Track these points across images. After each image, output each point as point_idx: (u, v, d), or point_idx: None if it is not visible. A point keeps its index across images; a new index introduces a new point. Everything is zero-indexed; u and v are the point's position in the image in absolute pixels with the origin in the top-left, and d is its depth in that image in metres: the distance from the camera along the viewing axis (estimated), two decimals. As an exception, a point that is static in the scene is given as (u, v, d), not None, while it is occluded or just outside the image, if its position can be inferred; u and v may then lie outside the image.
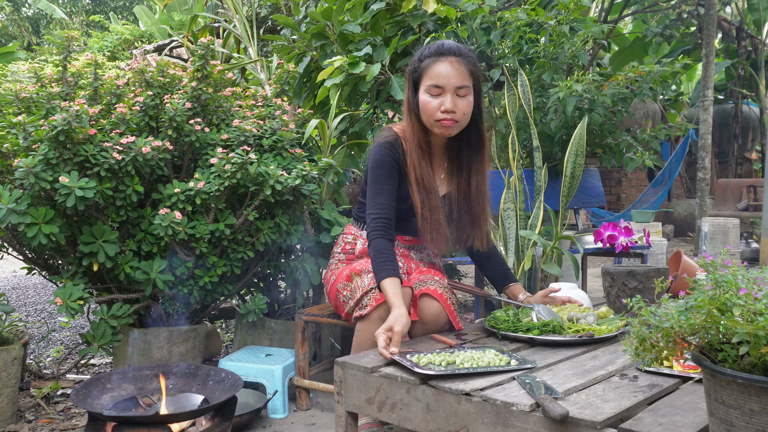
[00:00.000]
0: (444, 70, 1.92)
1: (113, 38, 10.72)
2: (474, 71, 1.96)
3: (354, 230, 2.16)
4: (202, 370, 1.97)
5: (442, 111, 1.91)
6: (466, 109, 1.94)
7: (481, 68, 2.87)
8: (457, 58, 1.93)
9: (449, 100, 1.91)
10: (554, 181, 3.16)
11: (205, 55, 2.44)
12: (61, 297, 2.06)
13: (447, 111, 1.91)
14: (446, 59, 1.93)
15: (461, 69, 1.93)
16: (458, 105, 1.92)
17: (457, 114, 1.93)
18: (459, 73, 1.92)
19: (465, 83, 1.93)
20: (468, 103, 1.94)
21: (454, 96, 1.92)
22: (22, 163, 1.99)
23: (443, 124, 1.93)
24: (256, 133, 2.41)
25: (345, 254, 2.14)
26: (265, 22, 5.00)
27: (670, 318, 1.04)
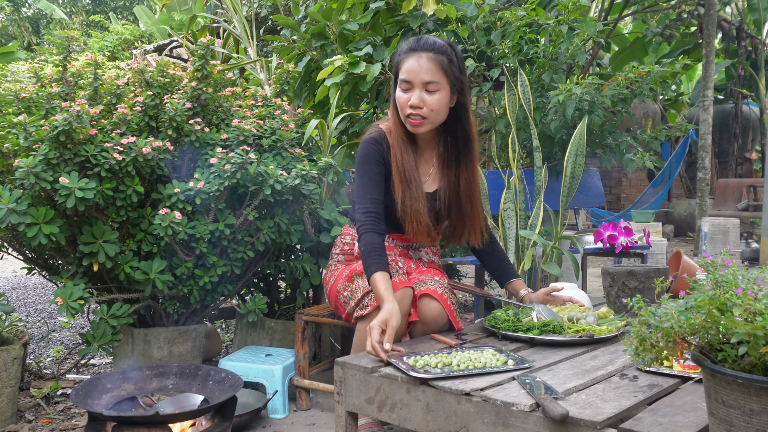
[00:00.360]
0: (413, 64, 1.90)
1: (113, 38, 10.72)
2: (448, 67, 1.93)
3: (352, 231, 2.16)
4: (202, 370, 1.97)
5: (409, 106, 1.91)
6: (434, 105, 1.92)
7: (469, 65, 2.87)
8: (429, 54, 1.91)
9: (416, 95, 1.90)
10: (554, 181, 3.17)
11: (205, 55, 2.44)
12: (62, 297, 2.06)
13: (413, 106, 1.91)
14: (417, 54, 1.91)
15: (431, 65, 1.90)
16: (425, 101, 1.91)
17: (424, 110, 1.91)
18: (428, 69, 1.90)
19: (434, 79, 1.90)
20: (437, 100, 1.92)
21: (422, 92, 1.91)
22: (23, 163, 1.99)
23: (410, 121, 1.93)
24: (255, 132, 2.41)
25: (344, 255, 2.14)
26: (265, 22, 5.00)
27: (670, 318, 1.04)
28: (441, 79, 1.92)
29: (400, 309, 1.82)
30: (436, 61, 1.91)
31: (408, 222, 1.99)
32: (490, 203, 2.47)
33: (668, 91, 9.30)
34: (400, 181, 1.98)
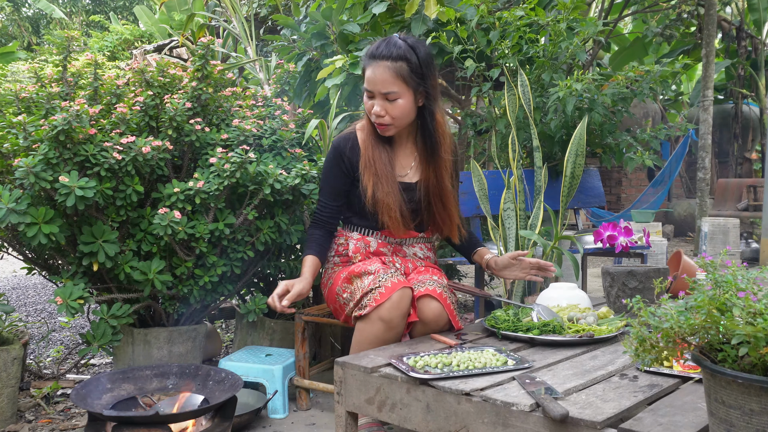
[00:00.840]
0: (371, 75, 1.93)
1: (113, 38, 10.71)
2: (407, 74, 1.93)
3: (344, 232, 2.17)
4: (202, 370, 1.97)
5: (373, 113, 1.96)
6: (396, 113, 1.95)
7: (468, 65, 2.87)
8: (386, 62, 1.91)
9: (378, 105, 1.94)
10: (554, 181, 3.16)
11: (205, 55, 2.44)
12: (62, 296, 2.06)
13: (376, 114, 1.96)
14: (375, 63, 1.93)
15: (387, 75, 1.91)
16: (387, 109, 1.95)
17: (386, 118, 1.96)
18: (383, 80, 1.91)
19: (391, 89, 1.92)
20: (398, 107, 1.94)
21: (383, 101, 1.94)
22: (22, 162, 1.99)
23: (378, 127, 1.99)
24: (255, 132, 2.41)
25: (339, 257, 2.15)
26: (265, 22, 5.00)
27: (669, 318, 1.04)
28: (399, 88, 1.93)
29: (399, 310, 1.84)
30: (393, 69, 1.91)
31: (380, 215, 2.04)
32: (490, 203, 2.47)
33: (668, 91, 9.30)
34: (369, 176, 2.02)
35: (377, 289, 1.85)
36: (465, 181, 3.05)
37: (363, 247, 2.09)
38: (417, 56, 1.96)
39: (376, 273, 1.90)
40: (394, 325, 1.84)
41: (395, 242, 2.12)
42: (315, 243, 2.08)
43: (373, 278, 1.88)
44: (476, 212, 3.05)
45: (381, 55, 1.93)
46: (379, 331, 1.84)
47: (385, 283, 1.85)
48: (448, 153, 2.11)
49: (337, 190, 2.09)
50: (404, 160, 2.11)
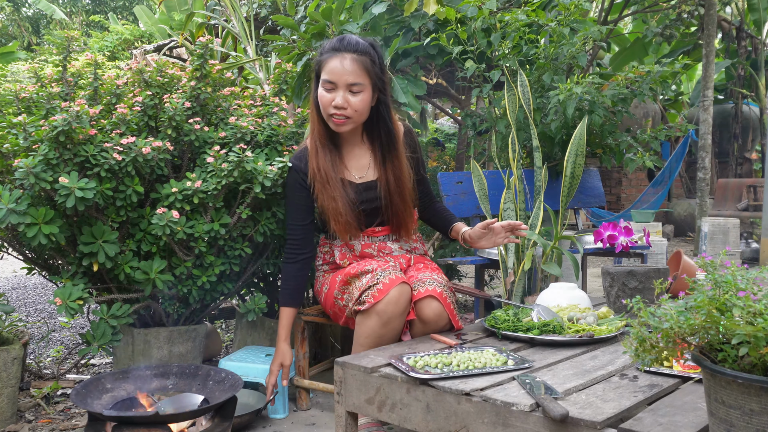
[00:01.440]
0: (337, 66, 1.95)
1: (113, 38, 10.72)
2: (370, 69, 1.98)
3: (327, 240, 2.21)
4: (202, 370, 1.97)
5: (333, 106, 1.97)
6: (358, 105, 1.98)
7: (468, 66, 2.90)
8: (353, 55, 1.96)
9: (340, 96, 1.96)
10: (554, 181, 3.16)
11: (204, 55, 2.43)
12: (61, 297, 2.06)
13: (337, 107, 1.96)
14: (341, 55, 1.96)
15: (355, 66, 1.95)
16: (350, 101, 1.97)
17: (348, 110, 1.98)
18: (351, 71, 1.94)
19: (358, 80, 1.95)
20: (361, 101, 1.98)
21: (346, 92, 1.96)
22: (22, 163, 1.99)
23: (334, 120, 1.99)
24: (253, 130, 2.41)
25: (328, 265, 2.20)
26: (265, 22, 5.00)
27: (669, 318, 1.04)
28: (364, 80, 1.97)
29: (397, 307, 1.85)
30: (359, 62, 1.96)
31: (328, 222, 2.07)
32: (490, 203, 2.47)
33: (668, 91, 9.30)
34: (317, 182, 2.06)
35: (375, 286, 1.86)
36: (465, 181, 3.05)
37: (348, 253, 2.12)
38: (377, 53, 2.03)
39: (373, 271, 1.91)
40: (393, 320, 1.85)
41: (378, 240, 2.14)
42: (292, 288, 2.11)
43: (371, 276, 1.89)
44: (476, 212, 3.05)
45: (346, 48, 1.97)
46: (377, 326, 1.85)
47: (383, 279, 1.86)
48: (403, 146, 2.14)
49: (302, 208, 2.11)
50: (360, 160, 2.13)
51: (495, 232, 2.05)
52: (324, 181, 2.04)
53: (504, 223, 2.04)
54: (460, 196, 3.02)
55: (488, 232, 2.05)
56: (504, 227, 2.03)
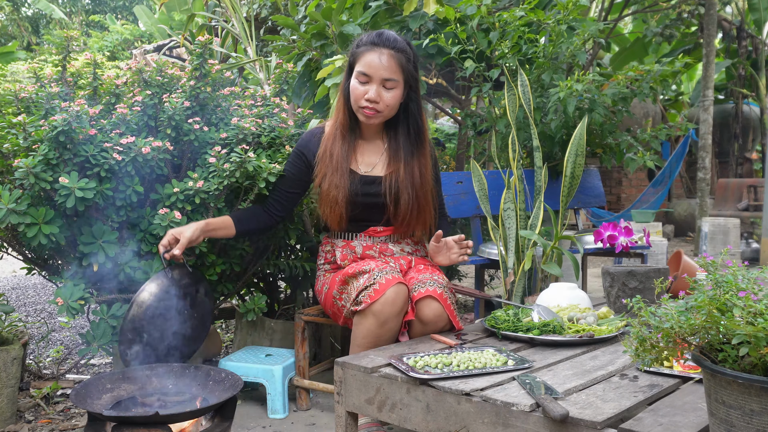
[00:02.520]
0: (374, 59, 1.97)
1: (113, 38, 10.72)
2: (405, 66, 2.01)
3: (330, 240, 2.21)
4: (202, 370, 1.96)
5: (366, 99, 1.99)
6: (390, 101, 2.00)
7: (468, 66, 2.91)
8: (391, 51, 1.98)
9: (374, 90, 1.98)
10: (554, 181, 3.16)
11: (203, 54, 2.43)
12: (62, 297, 2.06)
13: (370, 100, 1.98)
14: (379, 50, 1.98)
15: (392, 62, 1.98)
16: (382, 96, 1.99)
17: (380, 105, 2.00)
18: (388, 66, 1.97)
19: (393, 76, 1.98)
20: (393, 96, 2.01)
21: (379, 87, 1.98)
22: (22, 163, 1.99)
23: (365, 112, 2.01)
24: (254, 131, 2.41)
25: (329, 264, 2.19)
26: (265, 22, 5.00)
27: (670, 318, 1.04)
28: (399, 77, 2.00)
29: (393, 307, 1.84)
30: (396, 58, 1.99)
31: (322, 207, 2.09)
32: (490, 203, 2.47)
33: (668, 91, 9.30)
34: (321, 167, 2.09)
35: (372, 286, 1.86)
36: (465, 181, 3.05)
37: (349, 254, 2.12)
38: (412, 52, 2.06)
39: (371, 271, 1.90)
40: (389, 321, 1.84)
41: (380, 241, 2.13)
42: (240, 210, 2.17)
43: (368, 276, 1.89)
44: (476, 212, 3.05)
45: (385, 43, 1.99)
46: (373, 327, 1.85)
47: (379, 280, 1.86)
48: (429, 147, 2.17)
49: (293, 179, 2.16)
50: (371, 155, 2.15)
51: (448, 246, 2.05)
52: (333, 168, 2.06)
53: (456, 237, 2.05)
54: (460, 196, 3.02)
55: (443, 246, 2.05)
56: (456, 242, 2.04)
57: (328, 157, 2.08)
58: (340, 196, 2.04)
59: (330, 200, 2.06)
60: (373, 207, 2.11)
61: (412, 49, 2.06)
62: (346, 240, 2.14)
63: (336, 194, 2.05)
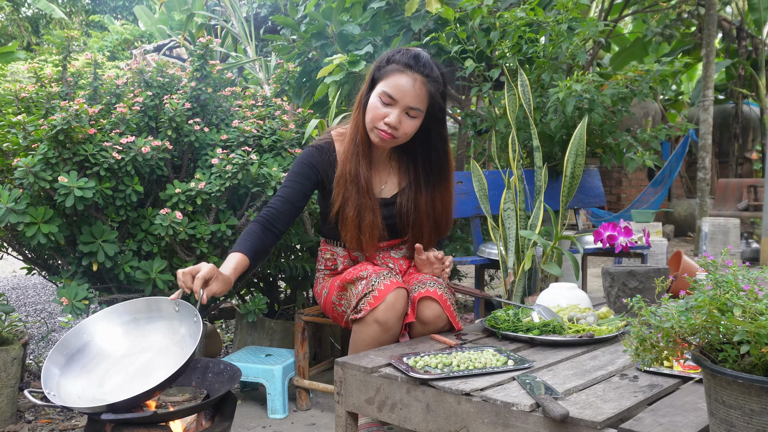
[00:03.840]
0: (405, 84, 1.84)
1: (113, 38, 10.72)
2: (434, 96, 1.90)
3: (329, 247, 2.14)
4: (201, 363, 1.95)
5: (385, 123, 1.87)
6: (408, 129, 1.89)
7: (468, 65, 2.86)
8: (424, 79, 1.86)
9: (395, 115, 1.86)
10: (554, 181, 3.16)
11: (204, 55, 2.43)
12: (67, 296, 2.06)
13: (390, 125, 1.87)
14: (413, 75, 1.85)
15: (422, 91, 1.86)
16: (403, 124, 1.88)
17: (398, 131, 1.88)
18: (417, 95, 1.85)
19: (419, 106, 1.87)
20: (413, 125, 1.89)
21: (402, 113, 1.87)
22: (22, 162, 1.98)
23: (381, 134, 1.89)
24: (255, 133, 2.41)
25: (328, 270, 2.14)
26: (265, 22, 5.00)
27: (670, 318, 1.04)
28: (424, 108, 1.89)
29: (394, 311, 1.83)
30: (427, 88, 1.87)
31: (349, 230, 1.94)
32: (490, 203, 2.47)
33: (668, 91, 9.30)
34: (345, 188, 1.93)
35: (371, 293, 1.84)
36: (465, 181, 3.04)
37: (351, 264, 2.09)
38: (445, 83, 1.94)
39: (368, 277, 1.87)
40: (390, 326, 1.83)
41: (382, 250, 2.11)
42: (249, 240, 1.86)
43: (365, 282, 1.87)
44: (476, 212, 3.05)
45: (420, 69, 1.86)
46: (375, 333, 1.84)
47: (378, 285, 1.84)
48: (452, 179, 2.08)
49: (302, 191, 1.98)
50: (380, 174, 2.06)
51: (429, 261, 2.00)
52: (363, 192, 1.93)
53: (437, 254, 1.99)
54: (460, 196, 3.02)
55: (425, 260, 2.00)
56: (437, 258, 1.99)
57: (350, 178, 1.93)
58: (379, 220, 1.96)
59: (364, 226, 1.94)
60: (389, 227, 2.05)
61: (444, 78, 1.94)
62: (348, 250, 2.09)
63: (374, 218, 1.95)
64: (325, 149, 2.01)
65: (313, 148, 2.02)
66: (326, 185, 2.01)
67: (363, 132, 1.94)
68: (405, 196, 2.03)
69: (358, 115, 1.95)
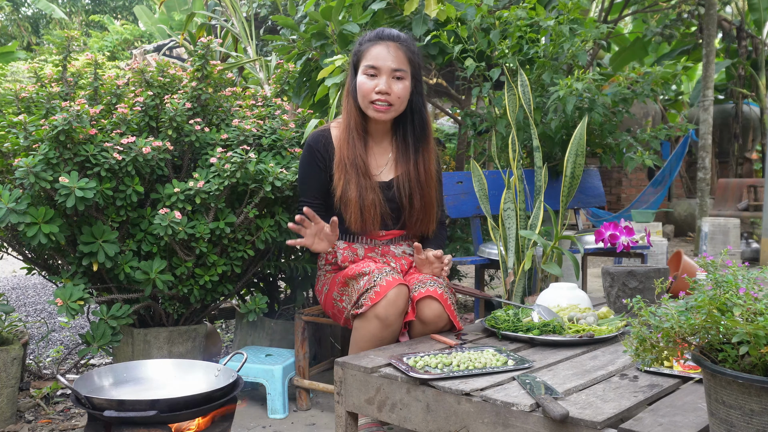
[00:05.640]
0: (382, 51, 1.99)
1: (113, 38, 10.72)
2: (412, 58, 2.03)
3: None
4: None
5: (377, 92, 1.97)
6: (401, 93, 2.00)
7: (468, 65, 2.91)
8: (396, 44, 2.01)
9: (384, 82, 1.97)
10: (554, 181, 3.16)
11: (205, 55, 2.43)
12: (61, 297, 2.06)
13: (381, 92, 1.97)
14: (384, 43, 2.00)
15: (398, 53, 2.00)
16: (393, 88, 1.98)
17: (391, 96, 1.99)
18: (396, 57, 1.99)
19: (401, 67, 1.99)
20: (404, 88, 2.00)
21: (389, 78, 1.98)
22: (23, 162, 1.99)
23: (376, 107, 1.99)
24: (255, 132, 2.41)
25: (330, 266, 2.16)
26: (265, 22, 5.00)
27: (670, 318, 1.04)
28: (407, 68, 2.01)
29: (395, 308, 1.84)
30: (402, 49, 2.01)
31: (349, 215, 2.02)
32: (490, 203, 2.47)
33: (668, 91, 9.30)
34: (345, 171, 2.02)
35: (372, 288, 1.85)
36: (465, 181, 3.04)
37: (351, 256, 2.10)
38: (414, 44, 2.08)
39: (370, 273, 1.89)
40: (391, 322, 1.84)
41: (382, 244, 2.12)
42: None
43: (368, 278, 1.88)
44: (476, 212, 3.05)
45: (390, 37, 2.01)
46: (376, 330, 1.84)
47: (380, 281, 1.85)
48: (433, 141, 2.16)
49: (317, 189, 2.10)
50: (378, 158, 2.12)
51: (429, 260, 2.03)
52: (362, 174, 2.02)
53: (437, 253, 2.01)
54: (460, 196, 3.02)
55: (425, 260, 2.03)
56: (437, 257, 2.01)
57: (349, 162, 2.02)
58: (377, 198, 2.02)
59: (367, 206, 2.00)
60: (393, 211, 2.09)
61: (414, 43, 2.08)
62: (348, 242, 2.12)
63: (375, 198, 2.01)
64: (321, 135, 2.12)
65: (310, 138, 2.15)
66: (327, 170, 2.08)
67: (357, 116, 2.05)
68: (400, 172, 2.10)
69: (348, 102, 2.07)
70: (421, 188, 2.09)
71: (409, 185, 2.08)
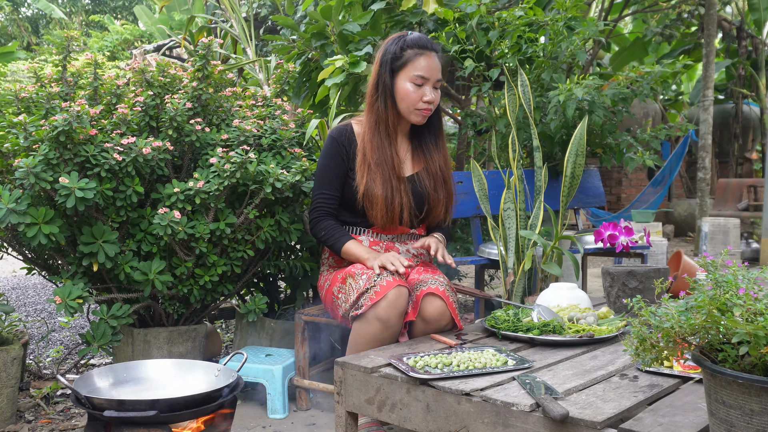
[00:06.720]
0: (431, 63, 2.08)
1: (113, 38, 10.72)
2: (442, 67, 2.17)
3: None
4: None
5: (424, 101, 2.07)
6: (438, 100, 2.13)
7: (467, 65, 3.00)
8: (437, 54, 2.12)
9: (430, 92, 2.08)
10: (554, 181, 3.16)
11: (206, 56, 2.43)
12: (60, 296, 2.06)
13: (430, 102, 2.08)
14: (430, 54, 2.09)
15: (439, 64, 2.13)
16: (435, 96, 2.10)
17: (433, 104, 2.11)
18: (438, 68, 2.11)
19: (441, 77, 2.13)
20: (439, 95, 2.13)
21: (433, 89, 2.10)
22: (23, 163, 1.99)
23: (423, 113, 2.09)
24: (256, 133, 2.41)
25: (334, 259, 2.20)
26: (264, 22, 5.00)
27: (670, 318, 1.04)
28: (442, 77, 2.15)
29: (395, 308, 1.85)
30: (439, 59, 2.14)
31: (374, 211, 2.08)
32: (490, 203, 2.47)
33: (668, 91, 9.30)
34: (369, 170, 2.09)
35: (372, 289, 1.85)
36: (465, 181, 3.04)
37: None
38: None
39: (370, 273, 1.90)
40: (391, 324, 1.84)
41: (387, 239, 2.14)
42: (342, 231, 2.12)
43: (367, 278, 1.89)
44: (476, 212, 3.05)
45: (432, 46, 2.11)
46: (376, 331, 1.84)
47: (380, 282, 1.85)
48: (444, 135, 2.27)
49: (338, 180, 2.15)
50: (400, 154, 2.19)
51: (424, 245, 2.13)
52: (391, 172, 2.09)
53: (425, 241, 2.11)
54: (460, 196, 3.02)
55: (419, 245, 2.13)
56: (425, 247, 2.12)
57: (374, 161, 2.08)
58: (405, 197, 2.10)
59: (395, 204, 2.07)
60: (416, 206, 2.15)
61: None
62: (354, 234, 2.15)
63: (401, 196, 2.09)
64: (345, 130, 2.18)
65: (334, 131, 2.19)
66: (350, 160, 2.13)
67: (394, 116, 2.12)
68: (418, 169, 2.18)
69: (380, 102, 2.10)
70: (444, 180, 2.19)
71: (432, 178, 2.17)
